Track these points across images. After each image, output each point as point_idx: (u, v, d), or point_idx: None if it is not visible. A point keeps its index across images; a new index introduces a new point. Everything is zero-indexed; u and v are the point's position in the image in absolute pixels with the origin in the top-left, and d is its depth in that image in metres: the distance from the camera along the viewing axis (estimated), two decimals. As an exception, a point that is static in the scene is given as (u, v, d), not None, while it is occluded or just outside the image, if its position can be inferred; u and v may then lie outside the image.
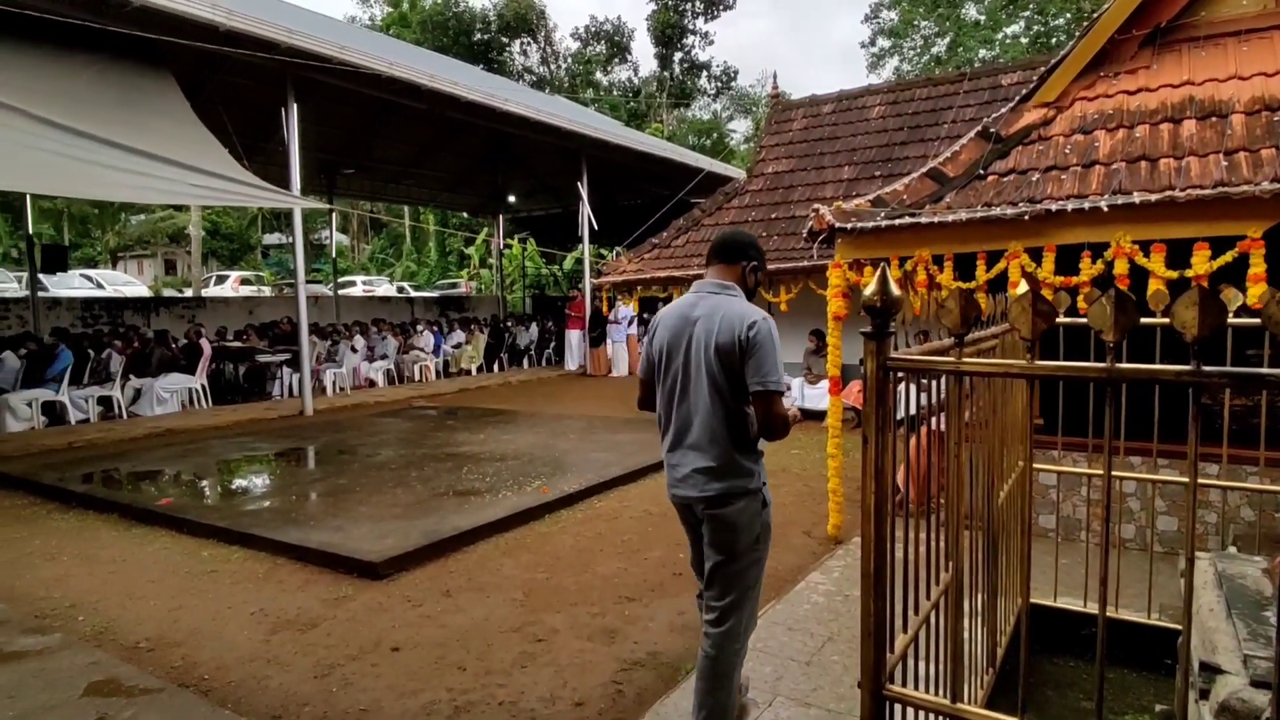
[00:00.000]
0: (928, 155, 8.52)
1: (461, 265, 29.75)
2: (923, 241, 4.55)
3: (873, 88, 10.43)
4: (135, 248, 32.39)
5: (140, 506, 5.60)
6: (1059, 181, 4.36)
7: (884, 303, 1.44)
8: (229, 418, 9.88)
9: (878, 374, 1.48)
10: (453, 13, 32.40)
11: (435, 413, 10.17)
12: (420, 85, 10.37)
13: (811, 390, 8.77)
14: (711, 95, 36.22)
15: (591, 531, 5.08)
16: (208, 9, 7.97)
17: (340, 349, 12.71)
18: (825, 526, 4.96)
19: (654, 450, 7.11)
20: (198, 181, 7.39)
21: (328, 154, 15.65)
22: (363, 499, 5.66)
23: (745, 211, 9.54)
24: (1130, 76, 4.51)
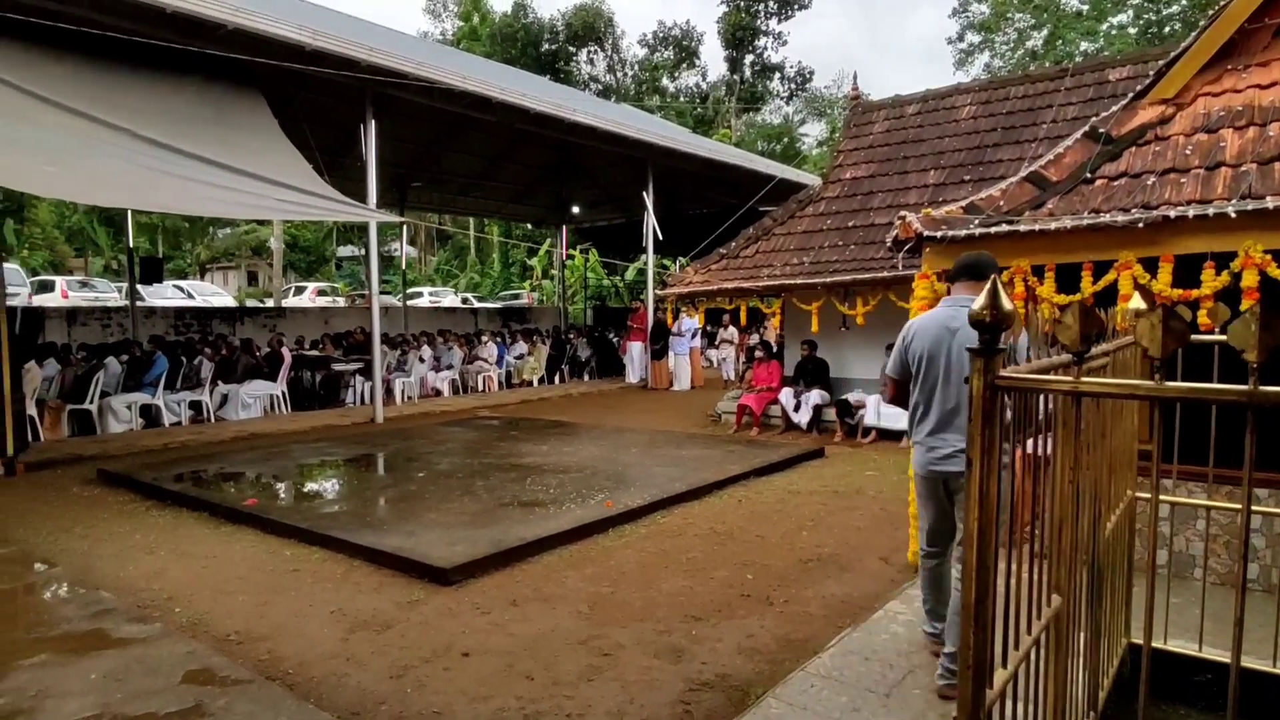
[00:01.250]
0: (1024, 158, 8.04)
1: (524, 276, 30.22)
2: (1021, 251, 4.25)
3: (962, 86, 9.86)
4: (221, 260, 34.18)
5: (228, 506, 5.79)
6: (1178, 185, 4.00)
7: (995, 317, 1.30)
8: (306, 423, 10.19)
9: (985, 393, 1.35)
10: (521, 24, 33.04)
11: (499, 423, 10.23)
12: (491, 98, 10.53)
13: (888, 409, 8.40)
14: (784, 98, 35.70)
15: (655, 548, 4.94)
16: (294, 30, 8.28)
17: (409, 359, 12.98)
18: (904, 553, 4.68)
19: (718, 467, 7.01)
20: (284, 196, 7.65)
21: (400, 168, 16.11)
22: (432, 506, 5.70)
23: (820, 220, 9.22)
24: (1262, 69, 4.10)
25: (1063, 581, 1.79)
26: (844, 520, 5.59)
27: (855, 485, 6.64)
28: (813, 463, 7.65)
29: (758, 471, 6.97)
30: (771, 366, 9.82)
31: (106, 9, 7.20)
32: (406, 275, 23.70)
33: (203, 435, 9.26)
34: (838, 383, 9.33)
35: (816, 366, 9.31)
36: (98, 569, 4.62)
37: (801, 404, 9.22)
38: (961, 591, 1.40)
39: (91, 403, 9.32)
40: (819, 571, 4.53)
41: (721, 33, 33.22)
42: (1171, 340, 1.27)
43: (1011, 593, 1.52)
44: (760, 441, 8.76)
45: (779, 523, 5.51)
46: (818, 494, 6.35)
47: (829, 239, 8.82)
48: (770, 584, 4.30)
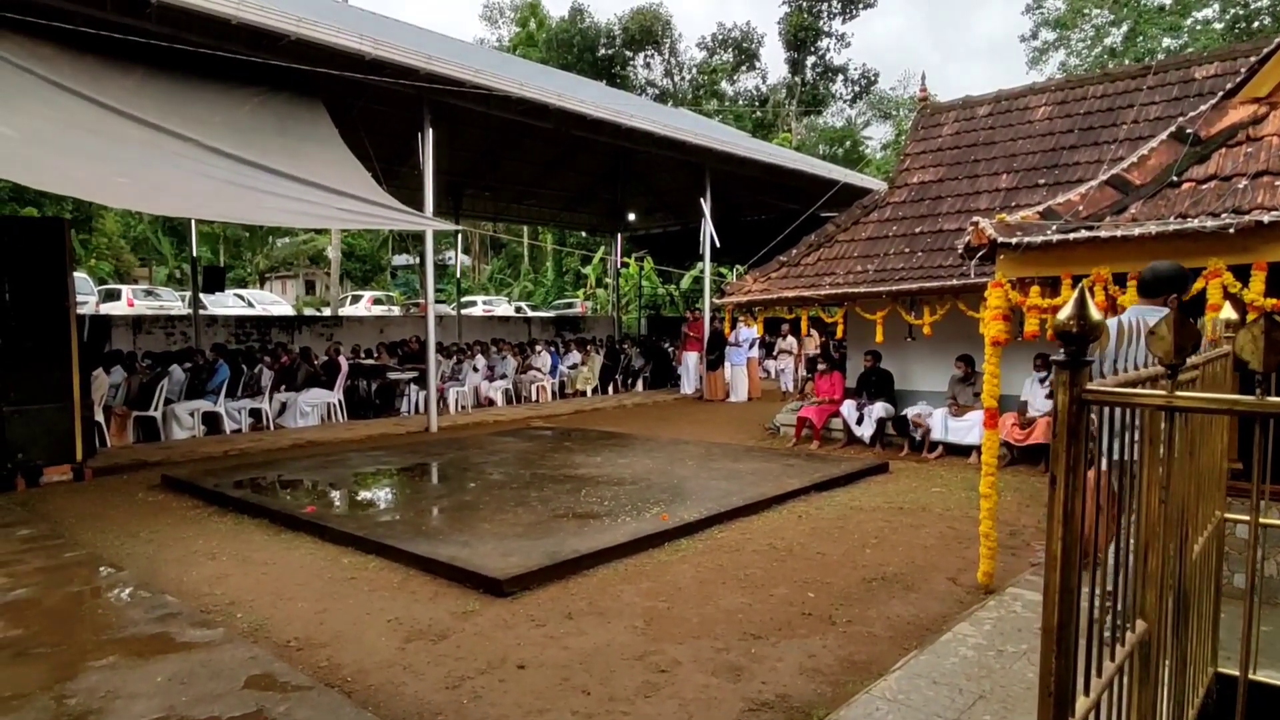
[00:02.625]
0: (1103, 160, 7.60)
1: (578, 285, 30.40)
2: (1102, 258, 4.00)
3: (1036, 86, 9.42)
4: (280, 269, 35.49)
5: (287, 513, 5.89)
6: (1272, 189, 3.71)
7: (1082, 327, 1.23)
8: (362, 432, 10.38)
9: (1071, 407, 1.28)
10: (578, 29, 33.14)
11: (552, 434, 10.23)
12: (548, 104, 10.60)
13: (956, 423, 8.07)
14: (847, 100, 34.95)
15: (712, 563, 4.81)
16: (355, 40, 8.49)
17: (463, 368, 13.14)
18: (973, 573, 4.44)
19: (777, 481, 6.82)
20: (344, 205, 7.83)
21: (456, 175, 16.39)
22: (486, 516, 5.69)
23: (885, 225, 8.92)
24: (1371, 61, 3.78)
25: (1148, 607, 1.72)
26: (909, 538, 5.35)
27: (921, 502, 6.37)
28: (876, 478, 7.38)
29: (818, 486, 6.76)
30: (834, 378, 9.55)
31: (173, 22, 7.49)
32: (460, 284, 24.14)
33: (262, 442, 9.51)
34: (903, 395, 9.00)
35: (880, 378, 9.01)
36: (162, 573, 4.73)
37: (864, 417, 8.93)
38: (1043, 614, 1.34)
39: (156, 410, 9.66)
40: (883, 591, 4.33)
41: (783, 34, 32.64)
42: (1276, 353, 1.20)
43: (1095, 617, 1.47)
44: (820, 455, 8.52)
45: (841, 540, 5.31)
46: (881, 510, 6.11)
47: (894, 245, 8.53)
48: (832, 603, 4.13)
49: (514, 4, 37.41)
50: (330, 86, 8.88)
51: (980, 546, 4.38)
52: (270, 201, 7.29)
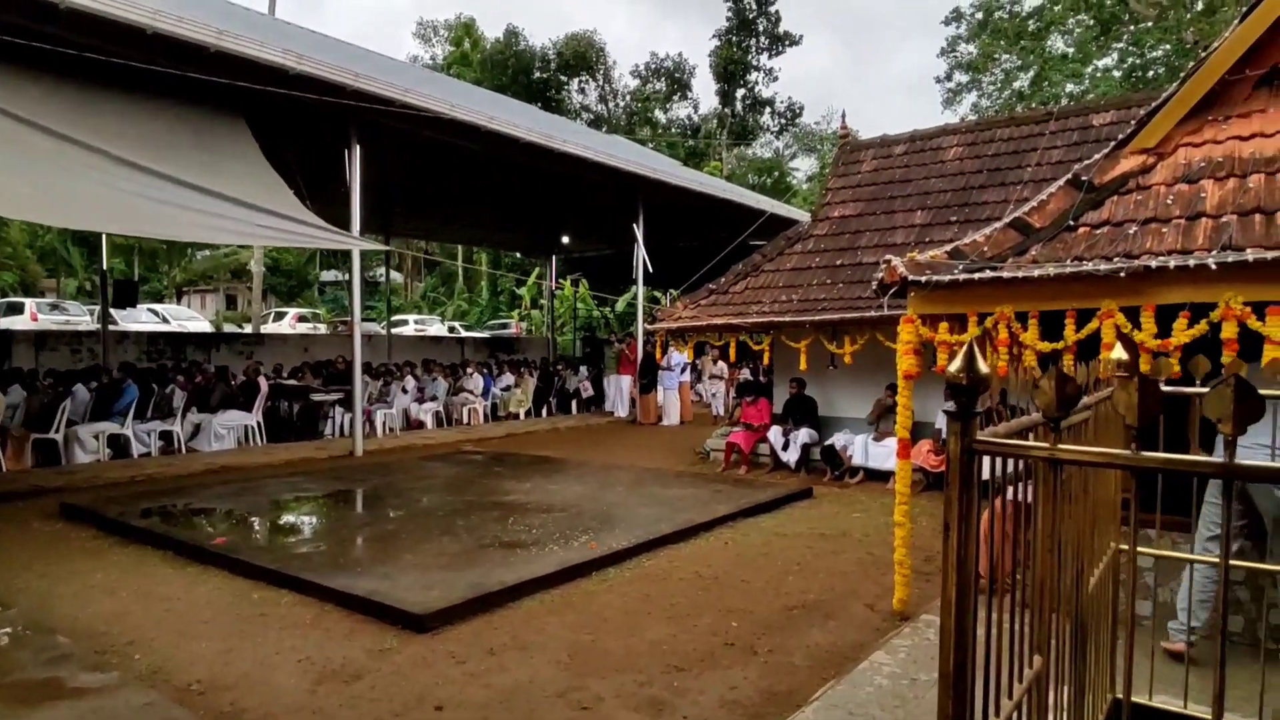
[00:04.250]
0: (1009, 200, 8.09)
1: (513, 305, 30.15)
2: (1005, 298, 4.24)
3: (949, 127, 9.97)
4: (199, 282, 33.88)
5: (195, 544, 5.61)
6: (1160, 235, 4.02)
7: (970, 380, 1.30)
8: (282, 456, 9.98)
9: (962, 457, 1.34)
10: (513, 52, 33.29)
11: (482, 458, 10.08)
12: (480, 127, 10.56)
13: (876, 448, 8.35)
14: (774, 132, 36.18)
15: (639, 592, 4.82)
16: (279, 54, 8.28)
17: (391, 389, 12.82)
18: (890, 600, 4.60)
19: (705, 507, 6.89)
20: (264, 222, 7.57)
21: (386, 194, 16.05)
22: (409, 546, 5.55)
23: (809, 257, 9.24)
24: (1243, 120, 4.17)
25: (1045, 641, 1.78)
26: (830, 565, 5.49)
27: (842, 528, 6.55)
28: (800, 503, 7.56)
29: (745, 512, 6.87)
30: (761, 405, 9.78)
31: (84, 29, 7.13)
32: (391, 302, 23.57)
33: (172, 467, 9.03)
34: (826, 421, 9.29)
35: (804, 404, 9.28)
36: (56, 610, 4.44)
37: (790, 442, 9.16)
38: (940, 659, 1.38)
39: (57, 432, 9.08)
40: (804, 619, 4.43)
41: (713, 67, 33.65)
42: (1149, 409, 1.28)
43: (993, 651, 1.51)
44: (748, 481, 8.67)
45: (765, 566, 5.41)
46: (804, 537, 6.25)
47: (817, 277, 8.84)
48: (755, 632, 4.20)
49: (448, 23, 37.37)
50: (253, 101, 8.61)
51: (895, 574, 4.54)
52: (185, 217, 6.99)
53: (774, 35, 33.30)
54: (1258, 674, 2.53)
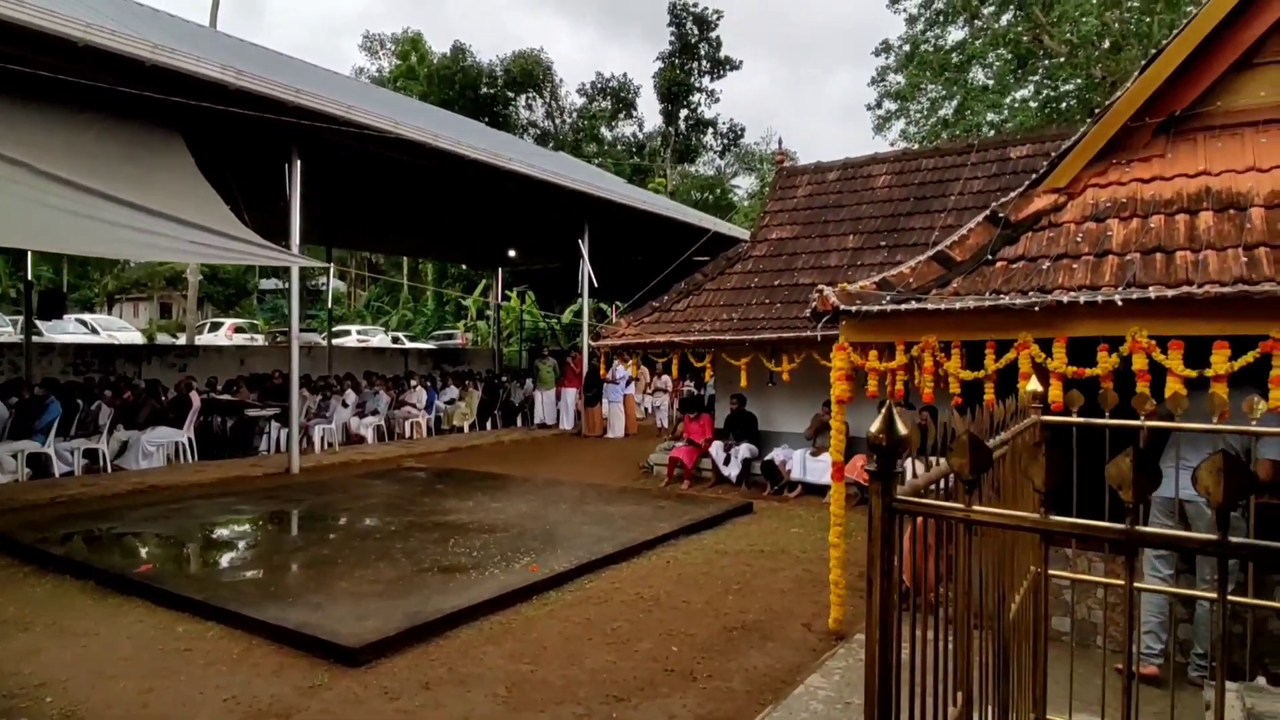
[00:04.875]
0: (934, 226, 8.47)
1: (459, 315, 29.77)
2: (929, 328, 4.44)
3: (878, 156, 10.42)
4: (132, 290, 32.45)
5: (117, 574, 5.38)
6: (1070, 271, 4.27)
7: (890, 441, 1.35)
8: (214, 474, 9.64)
9: (883, 516, 1.38)
10: (460, 67, 33.24)
11: (424, 475, 9.93)
12: (425, 144, 10.46)
13: (814, 463, 8.56)
14: (717, 151, 36.97)
15: (580, 617, 4.83)
16: (217, 69, 8.05)
17: (331, 404, 12.52)
18: (825, 619, 4.73)
19: (648, 525, 6.95)
20: (198, 239, 7.33)
21: (329, 207, 15.73)
22: (344, 572, 5.42)
23: (748, 277, 9.47)
24: (1144, 164, 4.47)
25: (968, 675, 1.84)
26: (769, 583, 5.61)
27: (781, 544, 6.69)
28: (741, 519, 7.69)
29: (686, 530, 6.96)
30: (703, 420, 9.93)
31: (11, 40, 6.82)
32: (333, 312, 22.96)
33: (96, 488, 8.63)
34: (765, 436, 9.50)
35: (745, 420, 9.46)
36: (-40, 651, 4.20)
37: (731, 457, 9.32)
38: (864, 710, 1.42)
39: (-30, 452, 8.59)
40: (743, 641, 4.52)
41: (657, 87, 34.37)
42: (1055, 474, 1.33)
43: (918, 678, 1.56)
44: (690, 496, 8.77)
45: (706, 586, 5.49)
46: (744, 554, 6.37)
47: (756, 297, 9.05)
48: (695, 656, 4.26)
49: (395, 37, 37.03)
50: (191, 115, 8.35)
51: (830, 594, 4.68)
52: (113, 233, 6.72)
53: (715, 59, 34.28)
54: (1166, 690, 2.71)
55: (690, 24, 33.87)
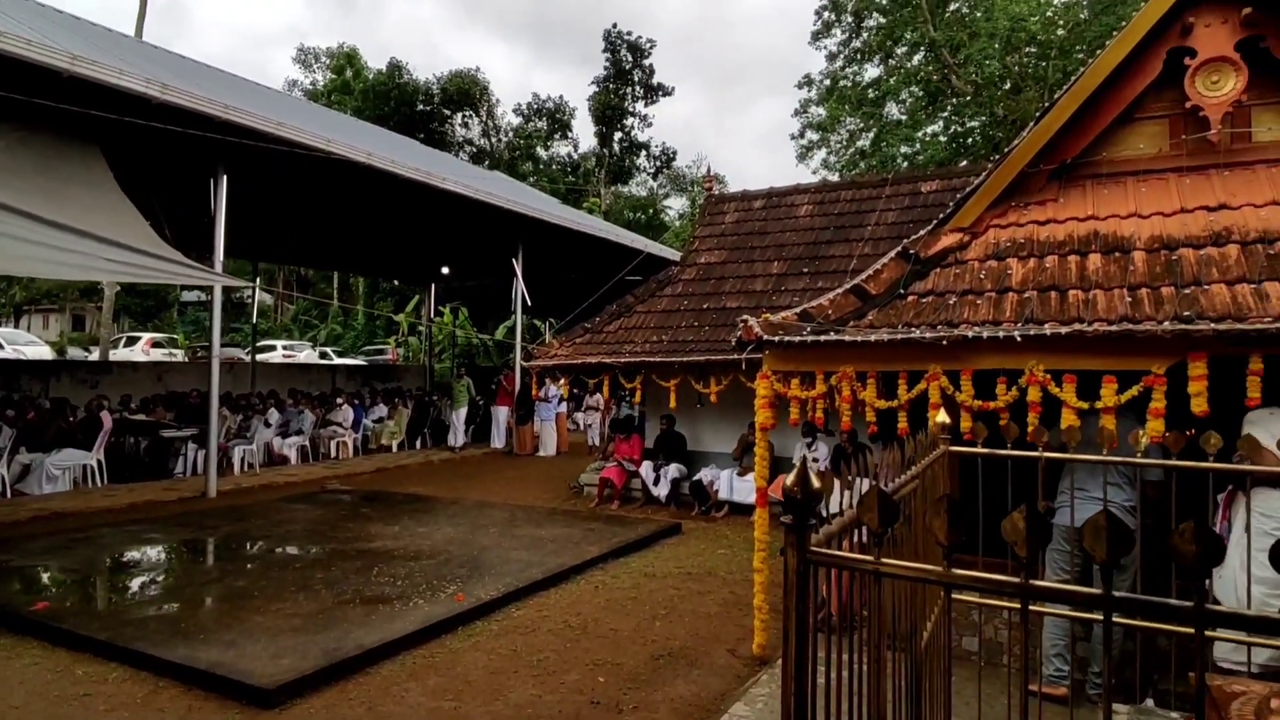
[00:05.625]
0: (852, 254, 8.84)
1: (390, 331, 29.10)
2: (846, 358, 4.62)
3: (800, 186, 10.83)
4: (43, 301, 30.52)
5: (11, 612, 5.04)
6: (975, 306, 4.52)
7: (805, 494, 1.42)
8: (124, 499, 9.14)
9: (799, 568, 1.43)
10: (396, 84, 32.90)
11: (349, 497, 9.66)
12: (358, 163, 10.27)
13: (740, 483, 8.73)
14: (650, 173, 37.54)
15: (506, 648, 4.78)
16: (141, 83, 7.73)
17: (253, 423, 12.04)
18: (750, 644, 4.82)
19: (577, 549, 6.95)
20: (115, 256, 6.99)
21: (257, 221, 15.20)
22: (261, 606, 5.22)
23: (678, 300, 9.64)
24: (1039, 208, 4.79)
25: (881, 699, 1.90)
26: (695, 606, 5.68)
27: (708, 566, 6.79)
28: (669, 540, 7.76)
29: (615, 553, 6.98)
30: (633, 441, 10.00)
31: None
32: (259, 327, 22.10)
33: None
34: (694, 456, 9.65)
35: (674, 440, 9.58)
36: None
37: (660, 477, 9.42)
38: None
39: None
40: (669, 669, 4.55)
41: (592, 110, 34.91)
42: (957, 531, 1.42)
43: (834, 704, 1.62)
44: (620, 517, 8.80)
45: (634, 612, 5.52)
46: (672, 577, 6.43)
47: (685, 319, 9.22)
48: (621, 687, 4.26)
49: (330, 51, 36.38)
50: (112, 127, 7.96)
51: (754, 619, 4.77)
52: (21, 249, 6.35)
53: (649, 85, 35.11)
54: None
55: (624, 51, 34.52)
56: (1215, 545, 1.00)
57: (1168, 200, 4.49)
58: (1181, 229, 4.28)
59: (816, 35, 24.07)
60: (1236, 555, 3.50)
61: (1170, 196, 4.49)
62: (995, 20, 18.50)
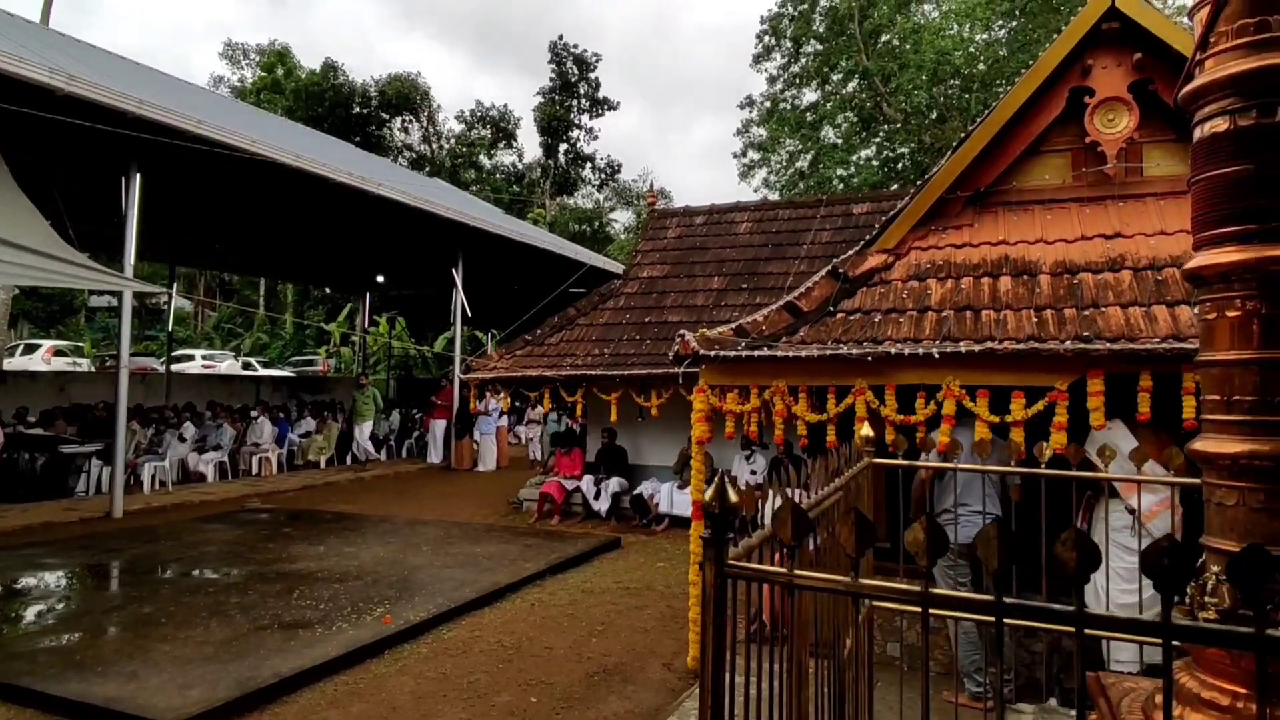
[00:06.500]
0: (789, 272, 9.07)
1: (321, 340, 28.14)
2: (779, 373, 4.73)
3: (741, 204, 11.10)
4: (-73, 305, 28.14)
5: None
6: (898, 324, 4.70)
7: (723, 508, 1.43)
8: (16, 520, 8.52)
9: (716, 581, 1.44)
10: (330, 85, 31.95)
11: (269, 517, 9.24)
12: (285, 165, 9.92)
13: (680, 496, 8.78)
14: (595, 185, 37.56)
15: (436, 671, 4.65)
16: (44, 72, 7.27)
17: (165, 438, 11.42)
18: (685, 657, 4.83)
19: (514, 566, 6.84)
20: (9, 258, 6.53)
21: (176, 222, 14.51)
22: (168, 634, 4.93)
23: (620, 314, 9.67)
24: (956, 232, 5.02)
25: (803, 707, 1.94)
26: (633, 621, 5.66)
27: (646, 580, 6.78)
28: (609, 554, 7.73)
29: (554, 569, 6.90)
30: (574, 455, 9.94)
31: None
32: (177, 334, 21.00)
33: None
34: (635, 469, 9.64)
35: (615, 454, 9.56)
36: None
37: (601, 491, 9.38)
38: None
39: None
40: (604, 686, 4.52)
41: (537, 121, 34.72)
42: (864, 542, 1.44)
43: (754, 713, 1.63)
44: (559, 532, 8.72)
45: (570, 629, 5.45)
46: (610, 592, 6.40)
47: (627, 333, 9.25)
48: (554, 707, 4.20)
49: (260, 48, 35.10)
50: (11, 119, 7.46)
51: (689, 632, 4.79)
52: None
53: (595, 99, 35.26)
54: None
55: (570, 64, 34.58)
56: (1093, 552, 1.06)
57: (1070, 228, 4.77)
58: (1082, 255, 4.56)
59: (758, 58, 24.81)
60: None
61: (1072, 224, 4.78)
62: (923, 53, 19.43)
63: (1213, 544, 1.52)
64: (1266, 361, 1.43)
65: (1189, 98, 1.60)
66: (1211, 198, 1.52)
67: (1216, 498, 1.52)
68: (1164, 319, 3.96)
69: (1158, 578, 0.99)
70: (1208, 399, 1.55)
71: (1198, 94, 1.57)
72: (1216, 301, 1.52)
